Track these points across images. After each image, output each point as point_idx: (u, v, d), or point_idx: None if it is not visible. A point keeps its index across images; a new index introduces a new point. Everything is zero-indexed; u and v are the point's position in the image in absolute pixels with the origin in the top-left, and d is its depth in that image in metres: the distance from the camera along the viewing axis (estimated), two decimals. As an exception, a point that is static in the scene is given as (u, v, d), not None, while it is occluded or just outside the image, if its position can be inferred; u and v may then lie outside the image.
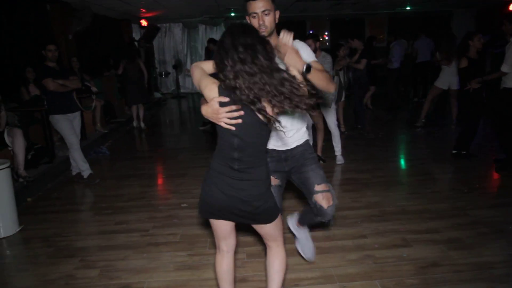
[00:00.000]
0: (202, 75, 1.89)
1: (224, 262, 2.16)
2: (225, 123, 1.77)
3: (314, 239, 3.21)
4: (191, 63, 14.10)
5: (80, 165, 4.95)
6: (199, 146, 7.03)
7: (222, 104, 1.75)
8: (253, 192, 1.87)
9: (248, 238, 3.34)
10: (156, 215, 3.95)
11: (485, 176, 4.79)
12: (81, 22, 7.84)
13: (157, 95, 12.74)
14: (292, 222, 2.90)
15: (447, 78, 6.71)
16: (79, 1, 7.70)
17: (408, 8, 12.54)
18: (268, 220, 2.00)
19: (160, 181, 5.15)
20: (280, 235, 2.13)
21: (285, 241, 2.27)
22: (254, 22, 2.12)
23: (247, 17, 2.19)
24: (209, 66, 1.95)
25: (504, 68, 4.50)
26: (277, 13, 2.19)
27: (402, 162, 5.59)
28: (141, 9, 10.54)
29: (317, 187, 2.30)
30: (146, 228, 3.65)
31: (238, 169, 1.85)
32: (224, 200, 1.88)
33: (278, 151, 2.37)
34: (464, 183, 4.43)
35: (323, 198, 2.29)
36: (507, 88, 4.56)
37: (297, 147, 2.38)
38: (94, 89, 6.72)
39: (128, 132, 8.19)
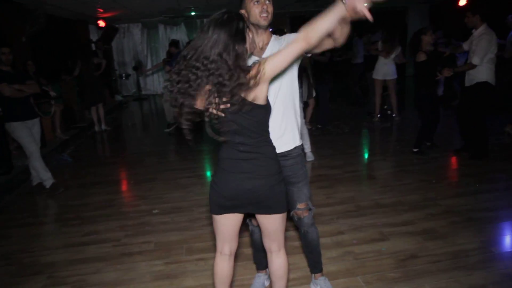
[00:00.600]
0: None
1: (226, 266, 2.09)
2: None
3: (292, 239, 3.20)
4: (152, 64, 13.82)
5: (42, 174, 4.68)
6: (166, 149, 6.87)
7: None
8: (262, 172, 1.87)
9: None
10: (127, 223, 3.79)
11: (449, 166, 4.95)
12: (35, 23, 7.43)
13: (118, 97, 12.34)
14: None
15: (382, 69, 7.02)
16: (32, 2, 7.29)
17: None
18: (279, 209, 1.96)
19: (128, 187, 4.96)
20: (281, 237, 2.07)
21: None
22: (256, 8, 2.00)
23: (246, 4, 2.03)
24: None
25: (475, 60, 4.53)
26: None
27: (371, 156, 5.68)
28: (99, 9, 10.16)
29: (299, 205, 2.31)
30: (117, 238, 3.49)
31: (244, 150, 1.86)
32: (237, 184, 1.87)
33: None
34: (432, 174, 4.55)
35: (302, 213, 2.33)
36: (479, 82, 4.60)
37: (288, 156, 2.21)
38: (52, 93, 6.39)
39: (90, 137, 7.86)
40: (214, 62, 1.67)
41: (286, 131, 2.18)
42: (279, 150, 2.08)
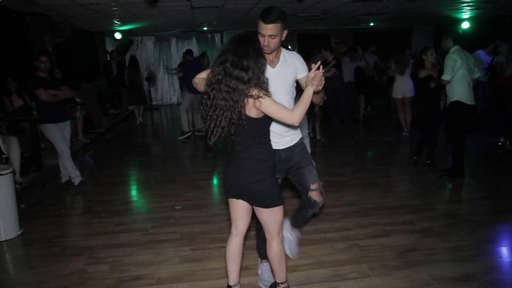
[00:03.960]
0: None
1: (231, 243, 2.47)
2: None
3: (303, 233, 3.57)
4: (163, 76, 14.40)
5: (71, 172, 5.08)
6: (181, 154, 7.29)
7: None
8: (252, 170, 2.24)
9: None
10: (153, 217, 4.18)
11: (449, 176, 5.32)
12: (61, 34, 7.94)
13: (131, 107, 12.78)
14: (286, 226, 3.12)
15: (401, 88, 7.42)
16: (58, 14, 7.81)
17: (371, 24, 13.33)
18: (263, 203, 2.27)
19: (149, 186, 5.33)
20: (275, 229, 2.35)
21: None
22: (261, 40, 2.36)
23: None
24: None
25: (445, 76, 4.77)
26: (285, 33, 2.42)
27: (375, 166, 6.05)
28: (115, 22, 10.69)
29: (313, 186, 2.69)
30: (145, 228, 3.87)
31: (239, 150, 2.27)
32: (232, 178, 2.30)
33: (279, 151, 2.65)
34: (433, 183, 4.93)
35: (316, 195, 2.71)
36: (453, 101, 4.87)
37: (294, 145, 2.67)
38: (78, 99, 6.83)
39: (107, 142, 8.29)
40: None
41: (290, 131, 2.63)
42: (289, 144, 2.64)
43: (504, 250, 3.30)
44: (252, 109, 2.15)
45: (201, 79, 2.33)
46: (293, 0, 7.17)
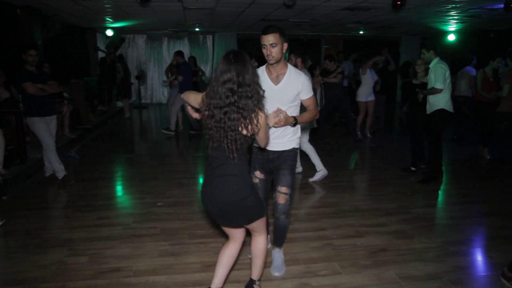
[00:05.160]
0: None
1: (228, 248, 2.51)
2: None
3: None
4: (153, 74, 14.47)
5: (56, 166, 5.12)
6: (166, 153, 7.37)
7: None
8: (232, 189, 2.21)
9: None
10: (135, 212, 4.26)
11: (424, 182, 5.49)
12: (51, 29, 7.96)
13: (120, 104, 12.81)
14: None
15: (365, 91, 7.82)
16: (48, 8, 7.84)
17: (361, 32, 13.56)
18: (249, 220, 2.33)
19: (133, 183, 5.40)
20: (262, 228, 2.47)
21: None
22: (264, 52, 2.64)
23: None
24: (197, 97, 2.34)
25: (438, 85, 4.91)
26: (285, 45, 2.66)
27: (355, 169, 6.21)
28: (107, 19, 10.73)
29: (280, 189, 2.84)
30: (127, 223, 3.96)
31: (215, 166, 2.23)
32: (212, 199, 2.25)
33: (268, 151, 2.84)
34: (408, 188, 5.09)
35: (281, 197, 2.85)
36: (438, 109, 5.05)
37: (284, 151, 2.85)
38: (65, 94, 6.87)
39: (94, 138, 8.32)
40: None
41: (285, 138, 2.82)
42: (280, 149, 2.82)
43: (468, 252, 3.45)
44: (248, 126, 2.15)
45: (193, 97, 2.36)
46: (282, 6, 7.30)
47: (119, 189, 5.26)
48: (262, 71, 2.76)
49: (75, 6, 7.65)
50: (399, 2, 5.91)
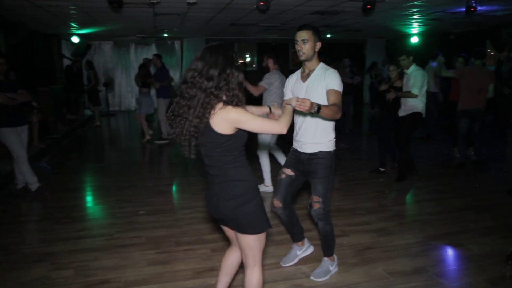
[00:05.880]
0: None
1: (230, 256, 2.42)
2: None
3: (267, 234, 3.69)
4: (121, 81, 14.21)
5: (29, 178, 4.93)
6: (141, 161, 7.27)
7: None
8: (231, 195, 2.06)
9: (210, 236, 3.73)
10: (116, 222, 4.16)
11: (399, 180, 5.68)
12: (16, 36, 7.67)
13: (88, 112, 12.48)
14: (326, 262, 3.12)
15: None
16: (12, 14, 7.55)
17: (328, 35, 13.85)
18: (250, 229, 2.09)
19: (110, 192, 5.26)
20: (258, 255, 2.17)
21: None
22: (296, 47, 2.72)
23: None
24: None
25: (415, 90, 5.05)
26: (318, 44, 2.71)
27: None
28: (73, 25, 10.44)
29: (312, 197, 2.85)
30: (110, 233, 3.86)
31: (212, 174, 2.11)
32: (214, 206, 2.14)
33: (301, 152, 2.86)
34: (386, 187, 5.24)
35: (312, 204, 2.86)
36: (416, 112, 5.16)
37: (318, 154, 2.79)
38: (34, 103, 6.63)
39: (64, 148, 8.07)
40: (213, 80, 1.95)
41: (315, 138, 2.80)
42: (311, 150, 2.80)
43: (448, 245, 3.59)
44: (220, 123, 1.98)
45: (255, 110, 2.42)
46: (255, 10, 7.36)
47: (96, 199, 5.11)
48: (299, 71, 2.89)
49: (41, 12, 7.40)
50: (369, 6, 6.08)
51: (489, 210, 4.41)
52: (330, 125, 2.82)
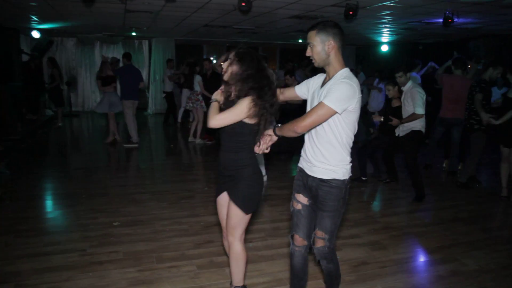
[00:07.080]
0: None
1: (227, 246, 2.60)
2: None
3: (255, 249, 3.47)
4: (85, 80, 13.51)
5: (-14, 185, 4.45)
6: (111, 166, 6.82)
7: None
8: (226, 160, 2.44)
9: (195, 251, 3.46)
10: (89, 234, 3.78)
11: (384, 190, 5.60)
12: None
13: (49, 112, 11.76)
14: None
15: None
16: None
17: (300, 40, 13.84)
18: (233, 194, 2.42)
19: (80, 200, 4.83)
20: (239, 231, 2.48)
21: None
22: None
23: None
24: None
25: (419, 110, 4.77)
26: (328, 44, 2.18)
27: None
28: (34, 19, 9.77)
29: (315, 232, 2.38)
30: (82, 248, 3.48)
31: (222, 144, 2.48)
32: (220, 167, 2.51)
33: (303, 171, 2.40)
34: (370, 197, 5.15)
35: (315, 239, 2.39)
36: (416, 130, 4.90)
37: (324, 182, 2.28)
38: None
39: (24, 151, 7.46)
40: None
41: (323, 162, 2.28)
42: (318, 176, 2.28)
43: (444, 260, 3.49)
44: None
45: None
46: (235, 10, 7.12)
47: (64, 208, 4.65)
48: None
49: (-1, 2, 6.81)
50: (351, 13, 6.00)
51: (478, 221, 4.39)
52: (347, 144, 2.28)
